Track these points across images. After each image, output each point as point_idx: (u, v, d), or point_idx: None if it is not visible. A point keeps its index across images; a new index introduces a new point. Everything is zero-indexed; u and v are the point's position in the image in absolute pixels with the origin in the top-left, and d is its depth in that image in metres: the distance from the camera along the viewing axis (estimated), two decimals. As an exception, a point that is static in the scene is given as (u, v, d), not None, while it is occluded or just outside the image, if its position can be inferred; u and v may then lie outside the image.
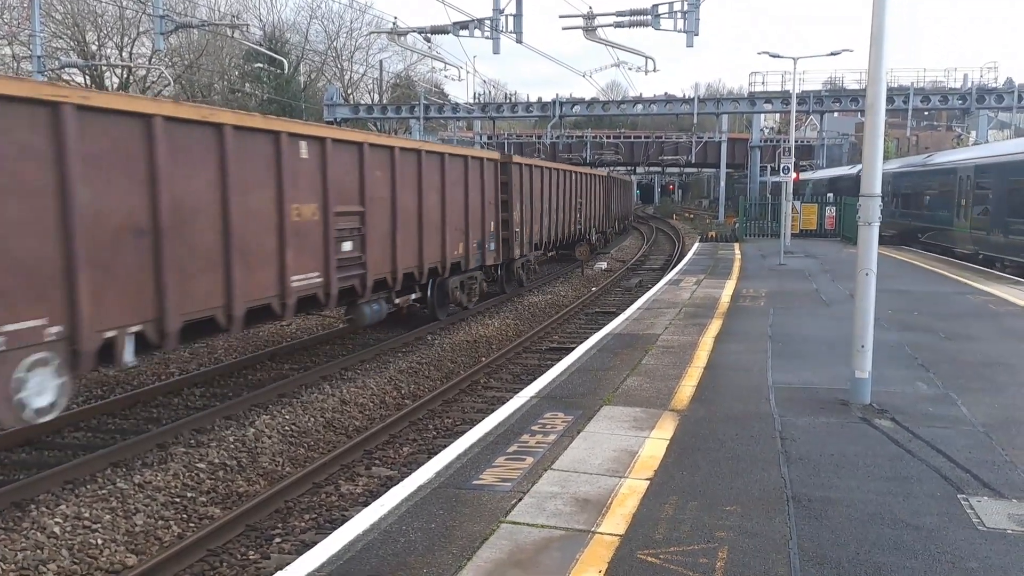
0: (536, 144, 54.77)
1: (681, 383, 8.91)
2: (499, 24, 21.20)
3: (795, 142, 30.30)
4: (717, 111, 43.66)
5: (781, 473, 6.13)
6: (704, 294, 16.69)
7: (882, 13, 7.69)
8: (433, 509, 5.42)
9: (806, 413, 7.78)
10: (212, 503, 7.48)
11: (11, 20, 37.77)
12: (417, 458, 8.64)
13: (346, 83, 55.92)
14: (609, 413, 7.74)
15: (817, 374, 9.41)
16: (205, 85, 46.48)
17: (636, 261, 31.61)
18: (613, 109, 43.39)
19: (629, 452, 6.57)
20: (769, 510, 5.42)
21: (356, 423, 10.15)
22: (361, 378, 11.73)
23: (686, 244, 35.96)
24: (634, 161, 62.90)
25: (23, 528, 6.44)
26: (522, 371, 12.82)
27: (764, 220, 36.42)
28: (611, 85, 75.02)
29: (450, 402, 11.00)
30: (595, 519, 5.25)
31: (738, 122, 68.77)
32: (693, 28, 20.14)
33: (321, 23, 55.58)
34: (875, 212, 7.89)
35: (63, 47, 40.87)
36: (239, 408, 9.86)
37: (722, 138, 52.95)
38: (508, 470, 6.16)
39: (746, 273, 21.04)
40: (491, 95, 55.03)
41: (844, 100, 40.71)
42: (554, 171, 23.35)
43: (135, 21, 42.05)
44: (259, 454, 8.64)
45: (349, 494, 7.75)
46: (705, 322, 13.04)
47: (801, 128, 61.22)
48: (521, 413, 7.78)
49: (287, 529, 6.97)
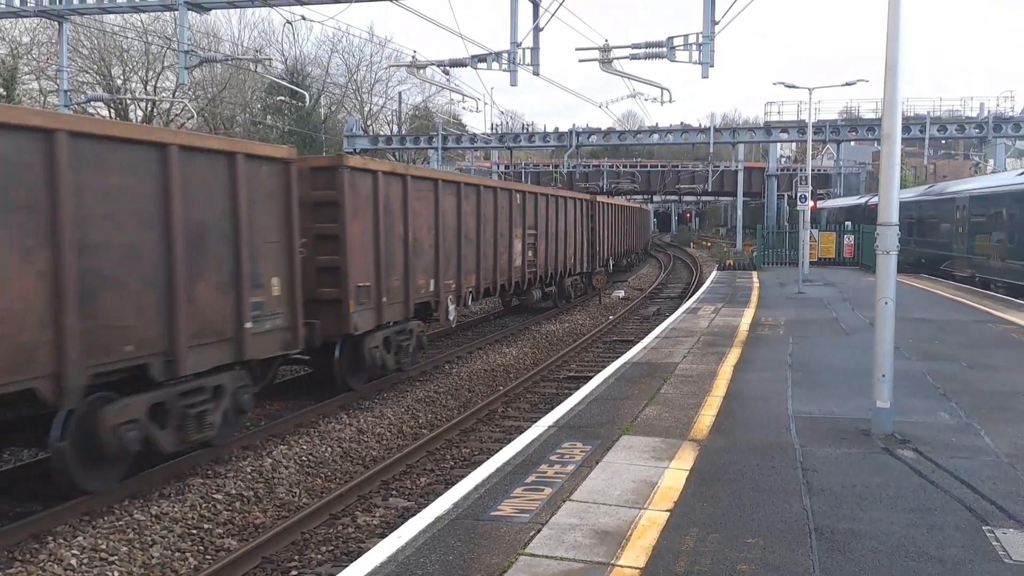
0: (553, 173, 55.08)
1: (700, 412, 8.84)
2: (516, 57, 21.42)
3: (812, 171, 30.25)
4: (733, 140, 43.72)
5: (803, 504, 6.04)
6: (722, 322, 16.60)
7: (896, 43, 7.72)
8: (451, 541, 5.38)
9: (828, 443, 7.68)
10: (229, 534, 7.46)
11: (40, 56, 38.72)
12: (435, 488, 8.60)
13: (366, 115, 56.63)
14: (628, 443, 7.68)
15: (838, 404, 9.31)
16: (227, 118, 47.25)
17: (654, 289, 31.54)
18: (630, 139, 43.59)
19: (648, 483, 6.51)
20: (791, 542, 5.34)
21: (373, 453, 10.13)
22: (379, 407, 11.72)
23: (704, 272, 35.86)
24: (651, 190, 63.11)
25: (40, 560, 6.43)
26: (540, 400, 12.77)
27: (782, 248, 36.29)
28: (627, 115, 75.41)
29: (467, 431, 10.96)
30: (615, 551, 5.19)
31: (754, 151, 68.81)
32: (708, 60, 20.24)
33: (342, 57, 56.47)
34: (893, 241, 7.86)
35: (89, 81, 41.78)
36: (257, 438, 9.86)
37: (739, 167, 52.98)
38: (526, 501, 6.12)
39: (765, 301, 20.92)
40: (508, 126, 55.50)
41: (860, 129, 40.65)
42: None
43: (160, 56, 42.94)
44: (276, 484, 8.63)
45: (366, 525, 7.71)
46: (724, 351, 12.95)
47: (818, 157, 61.21)
48: (539, 443, 7.73)
49: (304, 561, 6.94)
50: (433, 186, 13.94)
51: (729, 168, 55.84)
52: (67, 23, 27.54)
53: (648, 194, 66.99)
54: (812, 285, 24.65)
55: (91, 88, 39.77)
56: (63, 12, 25.18)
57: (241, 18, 51.25)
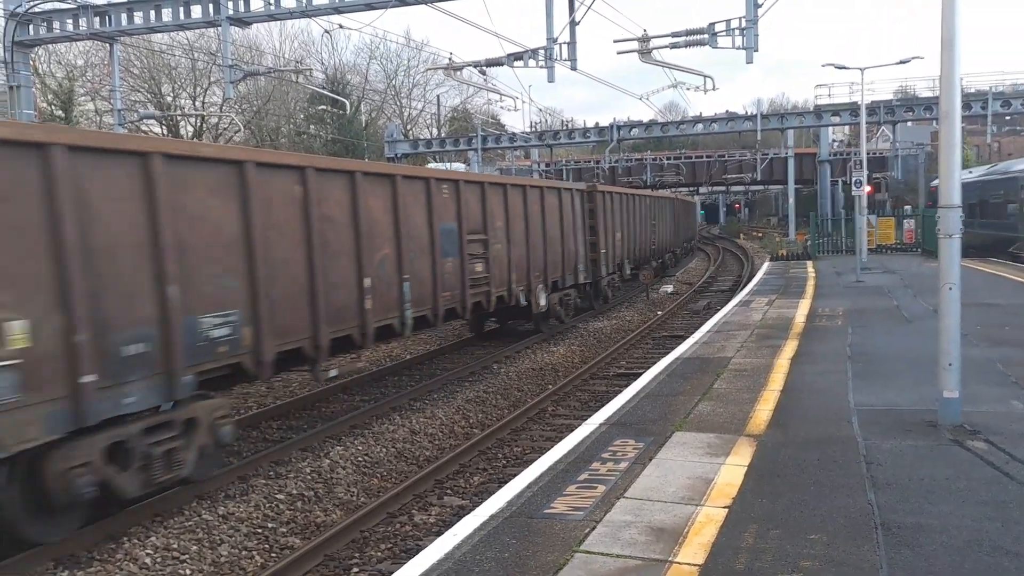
0: (595, 169, 54.74)
1: (756, 407, 8.67)
2: (553, 53, 21.33)
3: (867, 154, 29.47)
4: (782, 126, 42.84)
5: (868, 499, 5.87)
6: (777, 314, 16.27)
7: (952, 17, 7.44)
8: (506, 539, 5.37)
9: (892, 436, 7.45)
10: (292, 533, 7.59)
11: (93, 77, 39.98)
12: (488, 487, 8.60)
13: (405, 119, 57.15)
14: (681, 439, 7.57)
15: (902, 395, 9.03)
16: (272, 129, 48.14)
17: (703, 283, 31.10)
18: (673, 130, 43.10)
19: (704, 479, 6.40)
20: (856, 538, 5.18)
21: (427, 453, 10.19)
22: (430, 408, 11.78)
23: (755, 264, 35.23)
24: (696, 181, 62.18)
25: (117, 559, 6.64)
26: (590, 398, 12.68)
27: (838, 236, 35.40)
28: (669, 106, 74.67)
29: (518, 430, 10.95)
30: (672, 548, 5.11)
31: (804, 137, 67.37)
32: (752, 44, 19.85)
33: (380, 63, 57.07)
34: (956, 224, 7.59)
35: (141, 99, 42.98)
36: (314, 440, 10.01)
37: (788, 153, 51.92)
38: (580, 499, 6.07)
39: (821, 291, 20.46)
40: (547, 123, 55.38)
41: (917, 109, 39.45)
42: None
43: (206, 72, 43.97)
44: (334, 484, 8.74)
45: (422, 523, 7.76)
46: (779, 343, 12.69)
47: (872, 139, 59.67)
48: (591, 440, 7.67)
49: (364, 559, 7.01)
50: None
51: (778, 155, 54.65)
52: (117, 44, 28.37)
53: (694, 186, 66.07)
54: (871, 273, 24.01)
55: (143, 106, 40.89)
56: (113, 33, 25.94)
57: (281, 30, 52.27)
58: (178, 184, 7.47)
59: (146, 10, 24.59)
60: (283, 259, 8.89)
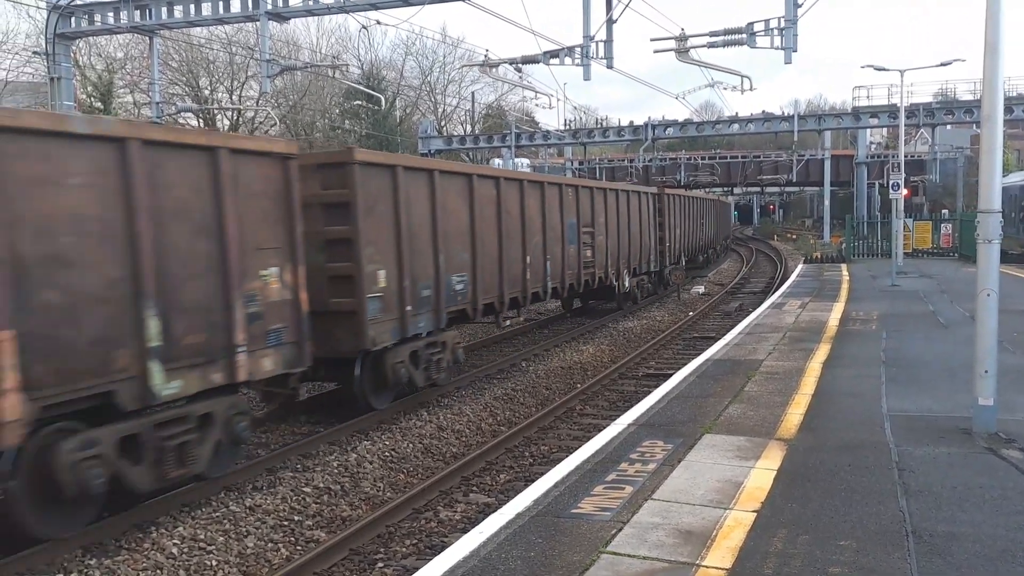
0: (628, 168, 54.43)
1: (787, 411, 8.58)
2: (589, 51, 21.24)
3: (905, 157, 28.95)
4: (819, 127, 42.22)
5: (899, 506, 5.79)
6: (810, 317, 16.08)
7: (996, 20, 7.29)
8: (532, 537, 5.37)
9: (925, 442, 7.34)
10: (317, 527, 7.66)
11: (133, 70, 40.66)
12: (514, 485, 8.61)
13: (439, 116, 57.31)
14: (711, 442, 7.52)
15: (936, 401, 8.89)
16: (308, 124, 48.57)
17: (735, 284, 30.81)
18: (708, 129, 42.70)
19: (733, 483, 6.35)
20: (887, 545, 5.12)
21: (453, 449, 10.23)
22: (457, 404, 11.83)
23: (788, 266, 34.82)
24: (731, 181, 61.57)
25: (144, 549, 6.75)
26: (618, 398, 12.64)
27: (873, 239, 34.91)
28: (705, 105, 73.88)
29: (546, 429, 10.95)
30: (700, 552, 5.08)
31: (842, 138, 66.35)
32: (791, 45, 19.58)
33: (415, 59, 57.25)
34: (995, 229, 7.44)
35: (179, 93, 43.63)
36: (342, 434, 10.10)
37: (825, 155, 51.18)
38: (607, 499, 6.06)
39: (855, 295, 20.18)
40: (582, 121, 55.20)
41: (957, 112, 38.65)
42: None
43: (243, 66, 44.48)
44: (361, 479, 8.81)
45: (448, 520, 7.79)
46: (812, 347, 12.54)
47: (911, 142, 58.60)
48: (619, 441, 7.65)
49: (389, 554, 7.06)
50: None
51: (815, 156, 53.87)
52: (157, 37, 28.82)
53: (728, 186, 65.38)
54: (906, 277, 23.63)
55: (181, 99, 41.51)
56: (153, 27, 26.35)
57: (319, 26, 52.61)
58: (445, 191, 11.70)
59: (186, 4, 24.91)
60: (487, 241, 13.07)
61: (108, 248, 6.58)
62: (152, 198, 6.91)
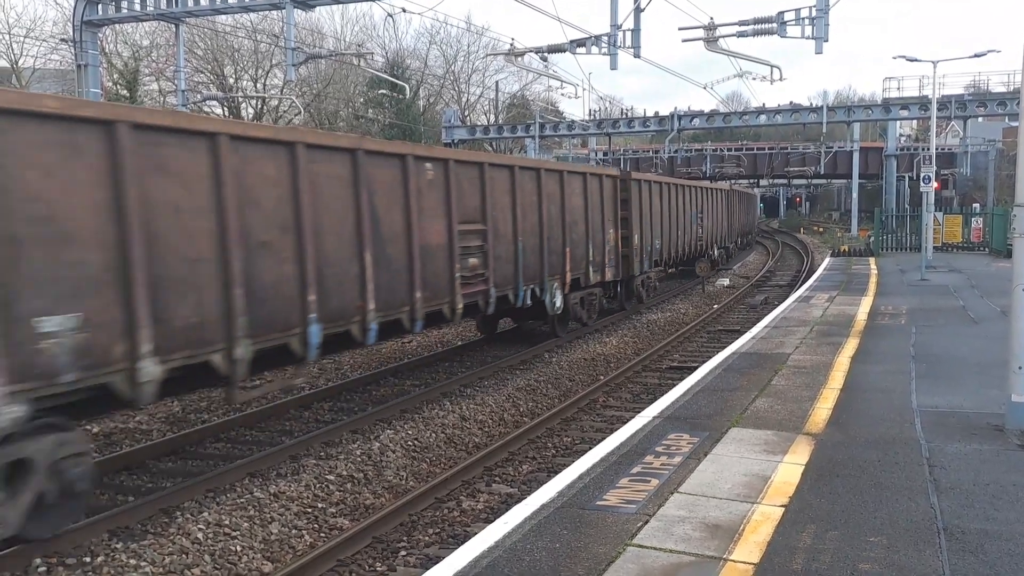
0: (653, 159, 54.03)
1: (815, 405, 8.47)
2: (616, 40, 21.06)
3: (935, 149, 28.47)
4: (848, 119, 41.54)
5: (930, 503, 5.69)
6: (838, 311, 15.87)
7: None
8: (557, 529, 5.34)
9: (956, 439, 7.21)
10: (341, 514, 7.69)
11: (158, 57, 40.96)
12: (537, 476, 8.59)
13: (463, 105, 57.21)
14: (738, 436, 7.43)
15: (967, 397, 8.73)
16: (331, 112, 48.72)
17: (761, 277, 30.52)
18: (735, 120, 42.20)
19: (761, 477, 6.27)
20: (918, 542, 5.03)
21: (476, 439, 10.22)
22: (480, 395, 11.81)
23: (815, 259, 34.46)
24: (757, 173, 60.90)
25: (170, 533, 6.81)
26: (642, 390, 12.56)
27: (902, 233, 34.45)
28: (732, 95, 73.15)
29: (568, 420, 10.90)
30: (727, 546, 5.02)
31: (871, 130, 65.42)
32: (822, 34, 19.29)
33: (440, 48, 57.15)
34: (1032, 222, 7.27)
35: (204, 81, 43.91)
36: (365, 422, 10.13)
37: (854, 147, 50.47)
38: (632, 492, 6.01)
39: (884, 289, 19.91)
40: (607, 111, 54.87)
41: (990, 104, 37.90)
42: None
43: (268, 54, 44.66)
44: (384, 467, 8.83)
45: (471, 510, 7.78)
46: (840, 341, 12.38)
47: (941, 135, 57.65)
48: (644, 433, 7.59)
49: (412, 543, 7.06)
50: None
51: (843, 149, 53.17)
52: (183, 25, 28.98)
53: (755, 178, 64.72)
54: (936, 272, 23.28)
55: (206, 87, 41.78)
56: (179, 15, 26.49)
57: (344, 14, 52.70)
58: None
59: (211, -8, 25.04)
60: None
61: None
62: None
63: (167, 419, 10.56)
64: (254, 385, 10.05)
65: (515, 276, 13.12)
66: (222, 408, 11.08)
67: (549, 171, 14.55)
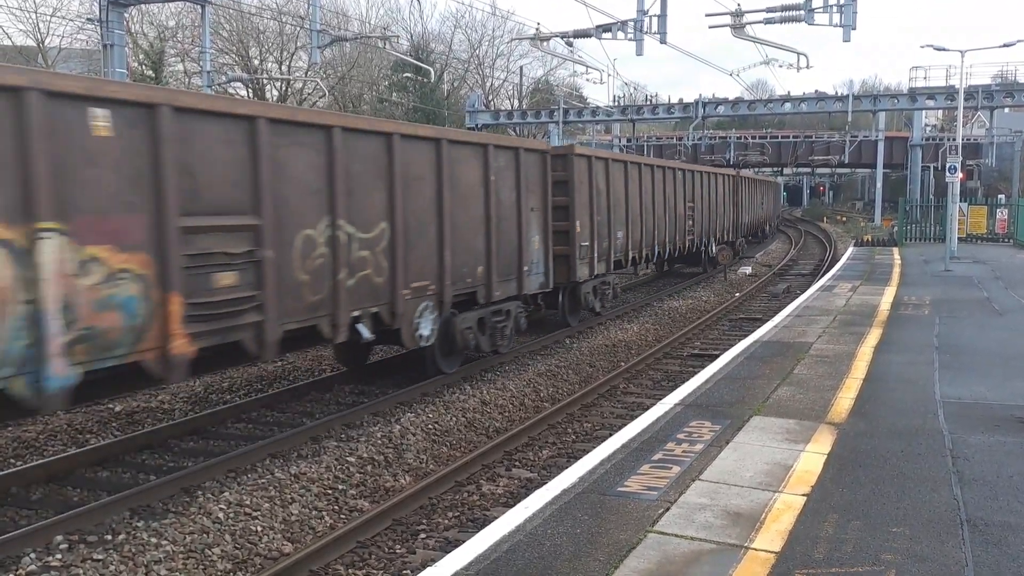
0: (677, 146, 53.60)
1: (838, 395, 8.41)
2: (643, 25, 20.89)
3: (961, 140, 28.02)
4: (874, 108, 40.99)
5: (953, 494, 5.65)
6: (861, 301, 15.73)
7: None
8: (578, 514, 5.36)
9: (980, 430, 7.14)
10: (361, 496, 7.75)
11: (184, 38, 41.12)
12: (556, 461, 8.61)
13: (487, 90, 56.99)
14: (760, 424, 7.41)
15: (991, 389, 8.64)
16: (355, 96, 48.71)
17: (783, 266, 30.29)
18: (760, 108, 41.75)
19: (783, 465, 6.25)
20: (941, 533, 5.00)
21: (496, 424, 10.25)
22: (501, 380, 11.84)
23: (838, 249, 34.13)
24: (781, 162, 60.23)
25: (191, 513, 6.88)
26: (663, 377, 12.54)
27: (926, 223, 34.04)
28: (756, 83, 72.32)
29: (589, 406, 10.91)
30: (748, 534, 5.01)
31: (896, 120, 64.46)
32: (850, 22, 19.04)
33: (464, 32, 56.88)
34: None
35: (229, 63, 44.03)
36: (385, 405, 10.18)
37: (879, 136, 49.76)
38: (654, 478, 6.01)
39: (907, 279, 19.70)
40: (632, 97, 54.48)
41: (1017, 95, 37.24)
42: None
43: (293, 36, 44.68)
44: (404, 450, 8.89)
45: (490, 494, 7.82)
46: (863, 331, 12.27)
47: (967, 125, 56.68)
48: (665, 420, 7.58)
49: (431, 525, 7.11)
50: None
51: (868, 138, 52.40)
52: (209, 6, 29.02)
53: (778, 167, 64.06)
54: (960, 263, 22.99)
55: (231, 69, 41.86)
56: (206, -5, 26.54)
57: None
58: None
59: (237, -25, 25.07)
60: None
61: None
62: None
63: (189, 399, 10.68)
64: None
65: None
66: (243, 389, 11.19)
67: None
